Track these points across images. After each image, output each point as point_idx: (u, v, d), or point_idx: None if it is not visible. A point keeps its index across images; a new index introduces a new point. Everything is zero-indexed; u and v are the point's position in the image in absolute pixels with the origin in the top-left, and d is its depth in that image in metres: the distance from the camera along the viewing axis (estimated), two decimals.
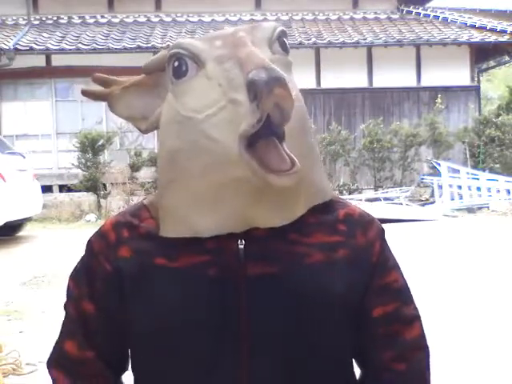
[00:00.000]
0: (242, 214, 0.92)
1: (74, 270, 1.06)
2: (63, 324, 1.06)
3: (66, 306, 1.06)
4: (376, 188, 13.52)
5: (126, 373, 1.09)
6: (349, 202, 1.09)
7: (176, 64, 0.93)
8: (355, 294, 1.00)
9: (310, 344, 0.96)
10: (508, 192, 12.35)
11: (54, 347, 1.06)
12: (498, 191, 12.43)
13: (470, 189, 12.57)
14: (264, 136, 0.85)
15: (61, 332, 1.06)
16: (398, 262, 1.07)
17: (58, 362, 1.05)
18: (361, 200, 11.75)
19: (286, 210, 0.94)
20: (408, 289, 1.07)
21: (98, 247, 1.02)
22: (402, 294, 1.05)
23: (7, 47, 13.47)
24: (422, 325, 1.07)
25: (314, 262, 0.97)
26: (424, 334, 1.07)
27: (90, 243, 1.04)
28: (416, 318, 1.06)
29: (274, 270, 0.95)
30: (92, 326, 1.01)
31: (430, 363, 1.07)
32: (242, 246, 0.95)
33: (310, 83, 13.83)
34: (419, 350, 1.05)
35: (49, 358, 1.07)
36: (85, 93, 1.08)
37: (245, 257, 0.95)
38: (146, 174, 12.58)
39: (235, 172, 0.87)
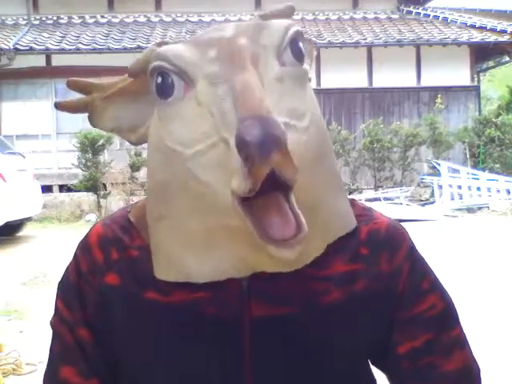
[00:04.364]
0: (243, 259, 0.78)
1: (62, 288, 0.93)
2: (54, 346, 0.93)
3: (56, 327, 0.92)
4: (376, 188, 13.51)
5: None
6: (374, 212, 0.92)
7: (159, 80, 0.76)
8: (379, 331, 0.87)
9: None
10: (508, 192, 12.35)
11: (48, 373, 0.93)
12: (498, 191, 12.42)
13: (470, 189, 12.56)
14: (265, 188, 0.67)
15: (53, 356, 0.93)
16: (437, 279, 0.91)
17: None
18: (360, 200, 11.75)
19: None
20: (450, 311, 0.90)
21: (84, 266, 0.89)
22: (440, 321, 0.88)
23: (7, 47, 13.47)
24: (466, 353, 0.90)
25: (332, 300, 0.84)
26: (469, 365, 0.90)
27: (76, 258, 0.91)
28: (456, 347, 0.89)
29: (284, 312, 0.82)
30: (90, 352, 0.89)
31: None
32: (246, 283, 0.82)
33: None
34: None
35: None
36: (60, 106, 0.90)
37: (249, 295, 0.82)
38: (145, 174, 12.54)
39: (229, 220, 0.73)
